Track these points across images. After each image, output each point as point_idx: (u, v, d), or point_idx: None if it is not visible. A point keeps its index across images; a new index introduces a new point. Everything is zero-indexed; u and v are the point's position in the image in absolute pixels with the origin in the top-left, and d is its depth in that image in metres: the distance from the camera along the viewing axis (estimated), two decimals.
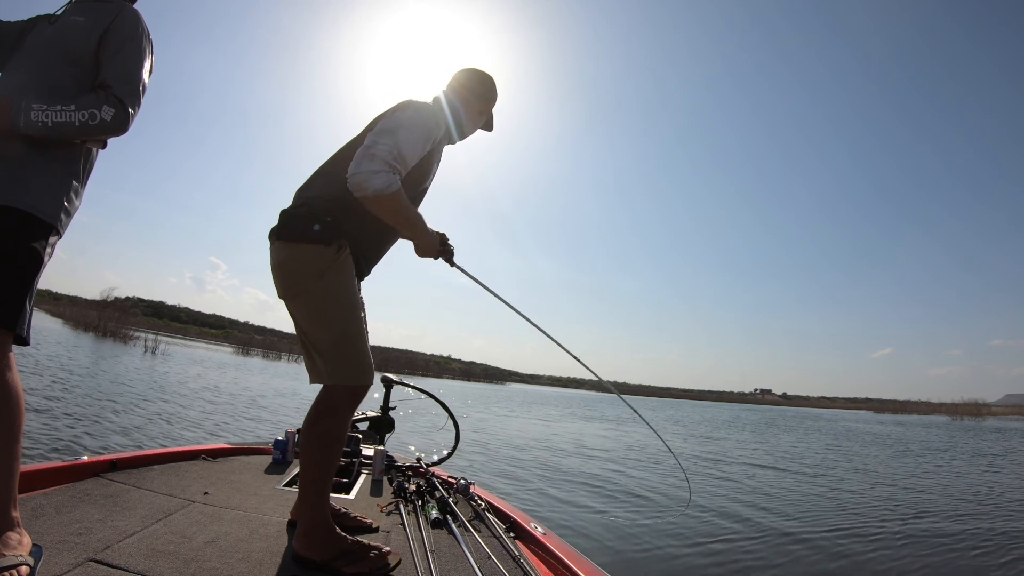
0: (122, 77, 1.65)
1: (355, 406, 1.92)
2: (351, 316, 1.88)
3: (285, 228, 1.86)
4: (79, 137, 1.61)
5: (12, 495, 1.52)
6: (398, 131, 1.80)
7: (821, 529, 6.40)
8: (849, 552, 5.49)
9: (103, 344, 29.11)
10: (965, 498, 9.09)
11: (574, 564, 1.98)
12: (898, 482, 10.75)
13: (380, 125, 1.84)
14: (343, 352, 1.86)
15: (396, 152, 1.75)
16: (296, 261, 1.84)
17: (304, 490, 1.87)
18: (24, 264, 1.52)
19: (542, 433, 16.98)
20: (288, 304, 1.92)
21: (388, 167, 1.72)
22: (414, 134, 1.84)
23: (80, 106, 1.56)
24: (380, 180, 1.69)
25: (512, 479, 8.43)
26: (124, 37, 1.68)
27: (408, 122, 1.85)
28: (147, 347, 30.63)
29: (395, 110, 1.93)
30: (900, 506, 8.11)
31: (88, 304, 42.85)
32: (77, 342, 26.73)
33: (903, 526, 6.72)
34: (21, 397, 1.56)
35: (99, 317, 36.58)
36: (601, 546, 5.23)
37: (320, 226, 1.81)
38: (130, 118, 1.66)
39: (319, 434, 1.87)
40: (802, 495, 8.74)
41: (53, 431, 7.06)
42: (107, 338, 33.30)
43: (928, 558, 5.39)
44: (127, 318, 39.35)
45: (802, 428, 29.05)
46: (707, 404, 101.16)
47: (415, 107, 1.93)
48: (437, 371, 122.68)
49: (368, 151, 1.73)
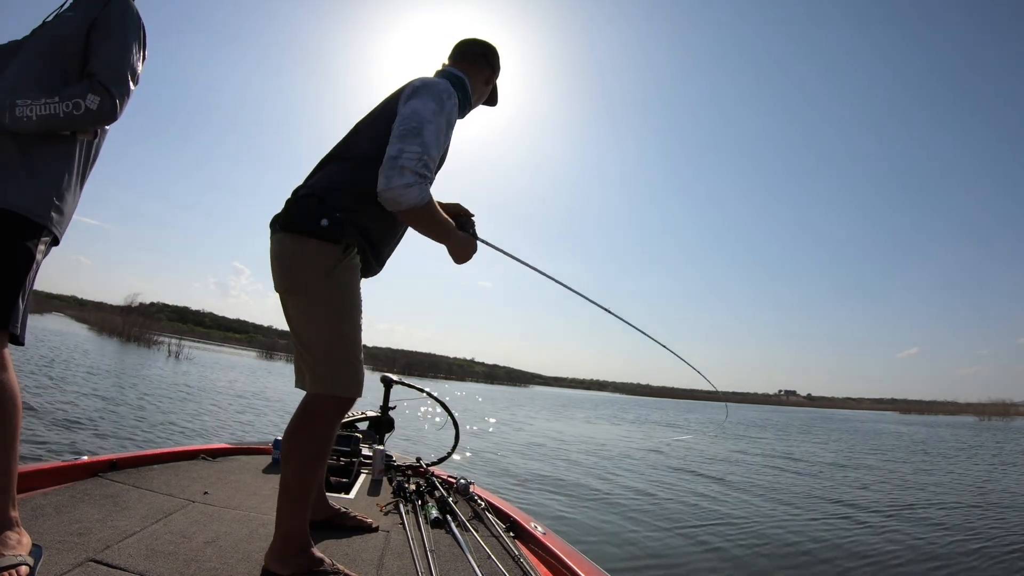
0: (108, 64, 1.63)
1: (340, 417, 1.82)
2: (351, 323, 1.78)
3: (291, 218, 1.74)
4: (67, 128, 1.60)
5: (11, 495, 1.53)
6: (423, 131, 1.67)
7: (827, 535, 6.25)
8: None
9: (127, 348, 29.59)
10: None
11: (574, 564, 1.96)
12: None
13: (401, 124, 1.70)
14: (336, 360, 1.76)
15: (425, 158, 1.65)
16: (300, 255, 1.72)
17: (282, 502, 1.72)
18: (15, 264, 1.52)
19: (585, 433, 16.89)
20: (284, 299, 1.81)
21: (420, 178, 1.63)
22: (438, 129, 1.73)
23: (64, 97, 1.55)
24: (414, 194, 1.61)
25: (551, 481, 8.39)
26: (111, 26, 1.66)
27: (431, 115, 1.72)
28: (170, 351, 31.08)
29: (412, 97, 1.78)
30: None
31: (113, 310, 43.52)
32: (102, 347, 27.17)
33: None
34: (17, 396, 1.56)
35: (124, 322, 37.15)
36: (602, 546, 5.18)
37: (329, 221, 1.68)
38: (117, 106, 1.63)
39: (301, 444, 1.74)
40: (812, 497, 8.56)
41: (59, 431, 7.18)
42: (131, 343, 33.82)
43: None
44: (151, 323, 39.92)
45: (836, 432, 27.72)
46: (732, 406, 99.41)
47: (435, 94, 1.78)
48: (461, 374, 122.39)
49: (397, 163, 1.61)
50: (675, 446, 15.36)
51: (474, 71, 2.10)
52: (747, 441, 18.88)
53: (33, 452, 5.85)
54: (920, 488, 10.02)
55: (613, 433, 19.03)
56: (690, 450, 14.64)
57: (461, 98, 2.00)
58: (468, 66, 2.10)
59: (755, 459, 13.68)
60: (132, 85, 1.70)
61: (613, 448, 13.87)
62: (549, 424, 20.49)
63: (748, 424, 30.51)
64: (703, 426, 26.40)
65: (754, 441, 19.19)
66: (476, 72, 2.11)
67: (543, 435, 15.80)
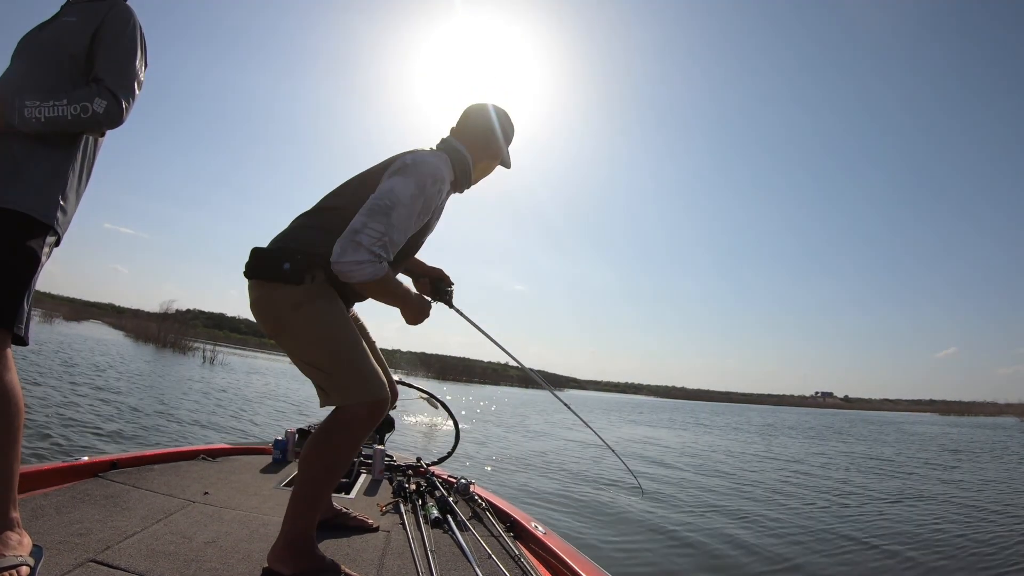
0: (114, 70, 1.66)
1: (372, 424, 1.77)
2: (340, 335, 1.77)
3: (255, 267, 1.78)
4: (73, 130, 1.63)
5: (12, 496, 1.54)
6: (392, 212, 1.67)
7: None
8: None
9: (162, 354, 30.07)
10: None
11: (575, 564, 1.95)
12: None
13: (374, 200, 1.70)
14: (343, 370, 1.75)
15: (385, 240, 1.65)
16: (269, 300, 1.77)
17: (295, 506, 1.71)
18: (21, 264, 1.53)
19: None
20: (275, 339, 1.83)
21: (374, 256, 1.63)
22: (410, 213, 1.73)
23: (72, 100, 1.57)
24: (365, 272, 1.62)
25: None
26: (116, 33, 1.70)
27: (407, 198, 1.71)
28: (205, 357, 31.48)
29: (396, 173, 1.78)
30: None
31: (149, 317, 44.29)
32: (136, 352, 27.70)
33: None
34: (20, 397, 1.57)
35: (159, 328, 37.77)
36: (604, 546, 5.13)
37: (290, 264, 1.72)
38: (123, 110, 1.67)
39: (326, 450, 1.72)
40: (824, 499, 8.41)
41: (61, 431, 7.11)
42: (166, 349, 34.35)
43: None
44: (187, 329, 40.50)
45: (888, 438, 25.10)
46: (766, 408, 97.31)
47: (418, 177, 1.76)
48: (495, 378, 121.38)
49: (355, 238, 1.62)
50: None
51: (478, 148, 2.03)
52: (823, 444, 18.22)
53: (35, 452, 5.87)
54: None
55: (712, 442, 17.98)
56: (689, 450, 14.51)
57: (459, 175, 1.97)
58: (474, 141, 2.02)
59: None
60: (138, 90, 1.73)
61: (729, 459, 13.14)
62: (638, 430, 20.36)
63: (781, 428, 29.79)
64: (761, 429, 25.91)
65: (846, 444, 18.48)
66: (483, 147, 2.04)
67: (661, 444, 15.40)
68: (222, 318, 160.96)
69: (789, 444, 18.74)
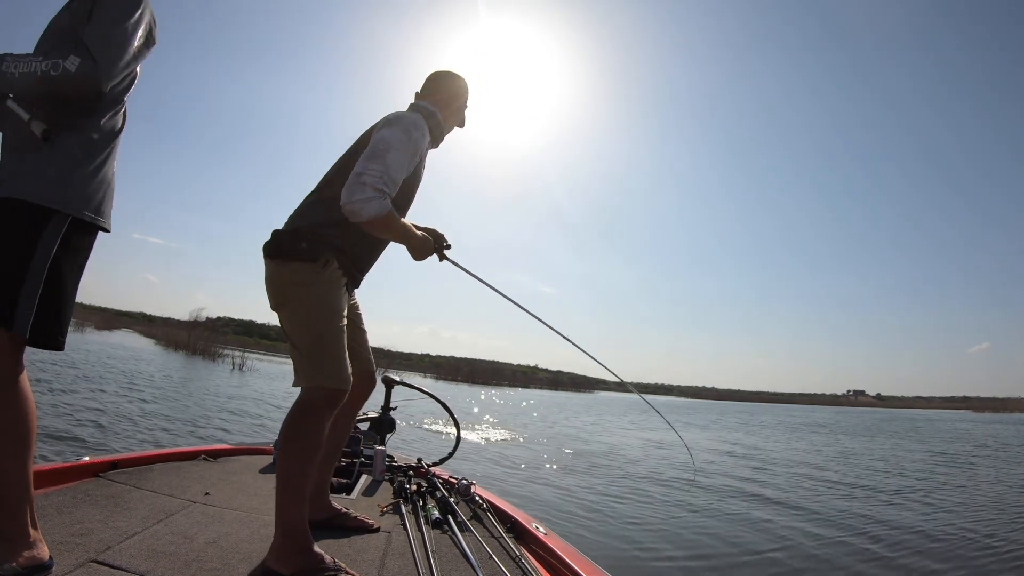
0: (96, 33, 1.59)
1: (331, 410, 1.90)
2: (331, 324, 1.92)
3: (274, 247, 1.94)
4: (43, 87, 1.54)
5: (26, 507, 1.49)
6: (387, 153, 1.88)
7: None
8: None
9: (192, 361, 30.58)
10: None
11: (575, 564, 1.94)
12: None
13: (370, 148, 1.91)
14: (320, 355, 1.89)
15: (386, 177, 1.84)
16: (284, 276, 1.94)
17: (278, 496, 1.77)
18: (15, 254, 1.47)
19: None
20: (278, 313, 1.99)
21: (379, 192, 1.81)
22: (403, 154, 1.93)
23: (47, 57, 1.53)
24: (373, 207, 1.80)
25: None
26: (109, 1, 1.64)
27: (398, 142, 1.92)
28: (234, 363, 31.95)
29: (383, 127, 1.99)
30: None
31: (179, 325, 45.03)
32: (165, 359, 28.20)
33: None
34: (32, 409, 1.54)
35: (189, 336, 38.41)
36: (605, 546, 5.10)
37: (307, 244, 1.90)
38: (99, 69, 1.56)
39: (294, 436, 1.82)
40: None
41: (62, 431, 7.30)
42: (196, 356, 34.91)
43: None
44: (216, 336, 41.13)
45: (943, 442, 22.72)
46: (801, 408, 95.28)
47: (403, 124, 1.99)
48: (524, 381, 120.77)
49: (359, 179, 1.81)
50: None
51: (445, 103, 2.30)
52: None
53: (35, 452, 6.00)
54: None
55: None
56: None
57: (432, 127, 2.20)
58: (439, 98, 2.29)
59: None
60: (122, 57, 1.64)
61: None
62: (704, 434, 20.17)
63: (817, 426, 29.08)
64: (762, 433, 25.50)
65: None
66: (447, 104, 2.30)
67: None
68: (252, 325, 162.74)
69: (856, 446, 18.18)
